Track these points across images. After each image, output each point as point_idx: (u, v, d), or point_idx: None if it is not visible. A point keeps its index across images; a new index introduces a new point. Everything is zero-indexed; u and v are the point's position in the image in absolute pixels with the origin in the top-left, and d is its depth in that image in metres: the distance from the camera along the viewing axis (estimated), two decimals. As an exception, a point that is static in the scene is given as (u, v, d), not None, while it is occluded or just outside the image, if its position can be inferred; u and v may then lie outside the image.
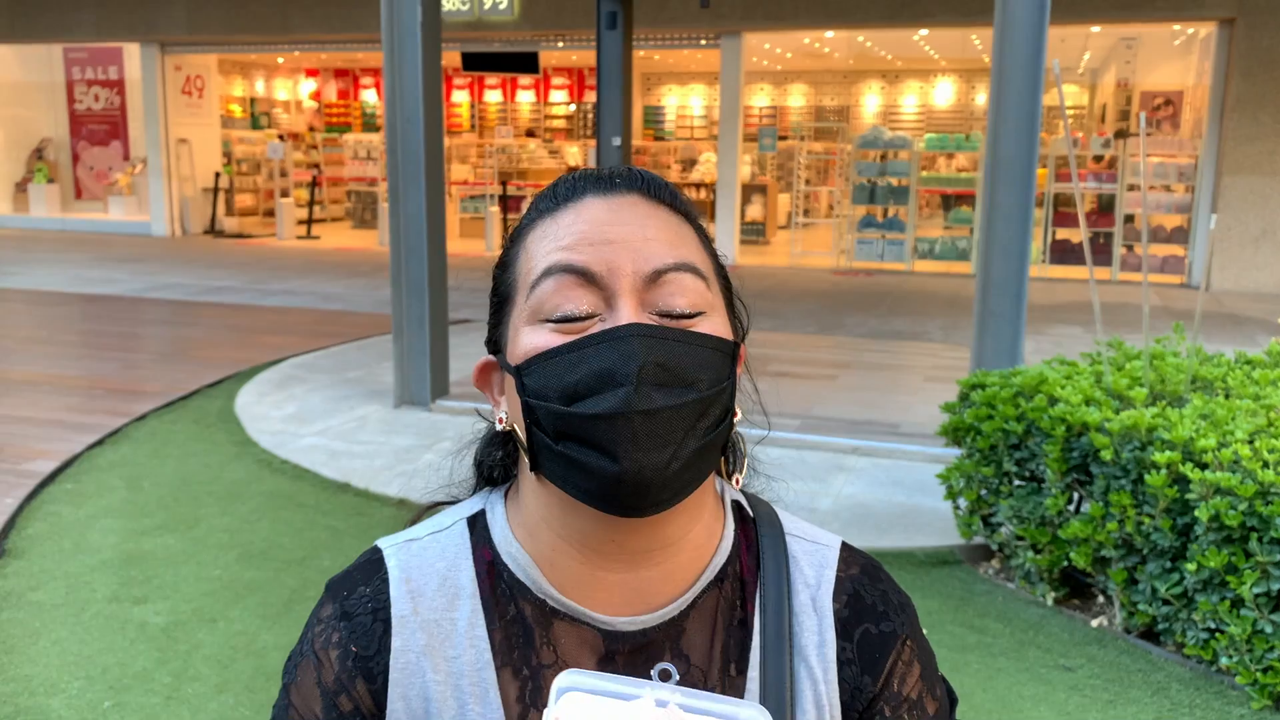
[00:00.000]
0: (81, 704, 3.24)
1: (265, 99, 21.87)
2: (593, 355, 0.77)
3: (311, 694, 0.85)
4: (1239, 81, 12.28)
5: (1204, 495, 3.27)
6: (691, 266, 0.81)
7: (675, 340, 0.78)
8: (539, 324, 0.80)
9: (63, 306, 10.51)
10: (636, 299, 0.79)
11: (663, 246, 0.81)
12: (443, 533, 0.90)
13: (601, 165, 0.98)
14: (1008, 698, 3.34)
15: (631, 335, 0.76)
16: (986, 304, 5.27)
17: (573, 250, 0.80)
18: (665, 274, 0.80)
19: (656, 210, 0.83)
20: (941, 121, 20.78)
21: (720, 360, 0.80)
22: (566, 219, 0.82)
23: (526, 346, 0.80)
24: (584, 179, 0.85)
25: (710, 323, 0.81)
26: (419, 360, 6.63)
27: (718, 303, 0.84)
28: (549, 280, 0.80)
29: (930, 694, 0.89)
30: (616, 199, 0.83)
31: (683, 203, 0.87)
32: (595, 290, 0.79)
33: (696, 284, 0.81)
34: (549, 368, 0.78)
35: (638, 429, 0.75)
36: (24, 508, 4.87)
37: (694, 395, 0.77)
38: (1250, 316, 10.69)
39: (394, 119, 6.47)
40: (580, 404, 0.77)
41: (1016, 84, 5.07)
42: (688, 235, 0.85)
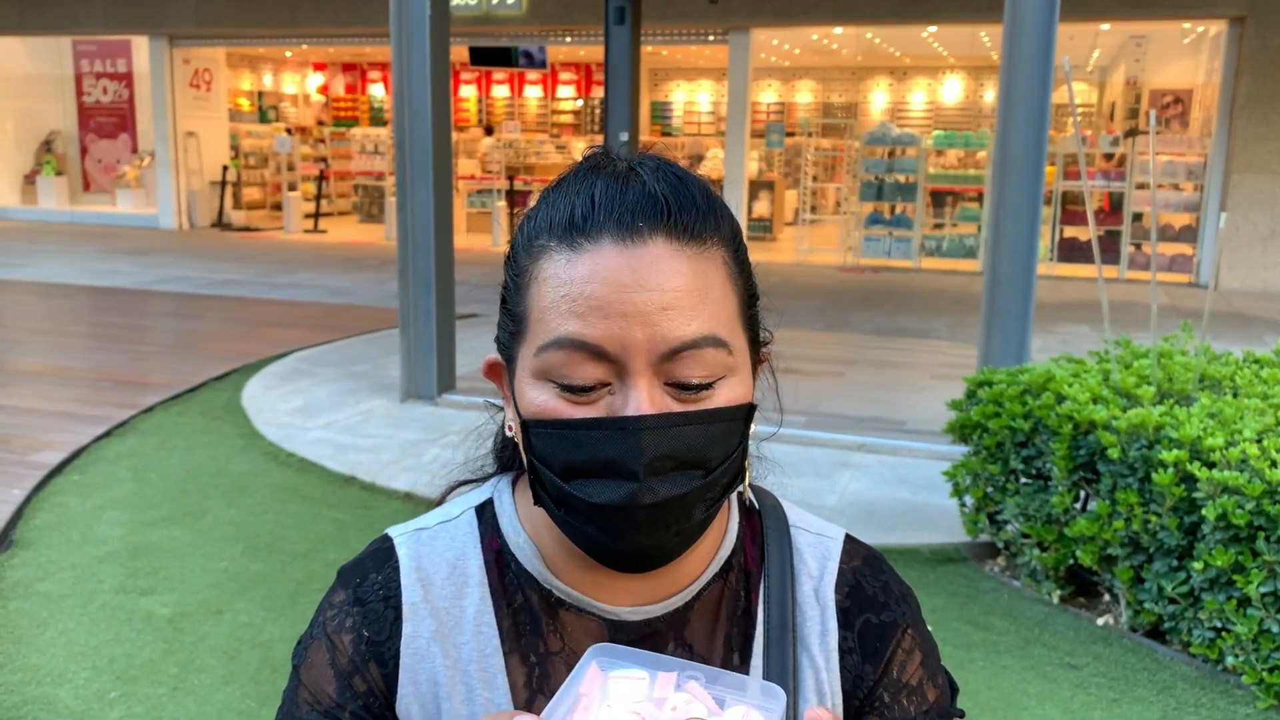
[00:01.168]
0: (88, 694, 3.25)
1: (273, 93, 21.88)
2: (600, 440, 0.75)
3: (324, 674, 0.85)
4: (1249, 80, 12.23)
5: (1211, 494, 3.26)
6: (711, 340, 0.77)
7: (685, 425, 0.76)
8: (547, 382, 0.78)
9: (70, 299, 10.54)
10: (650, 374, 0.76)
11: (683, 316, 0.76)
12: (451, 522, 0.90)
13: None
14: (1013, 695, 3.34)
15: (641, 429, 0.74)
16: (994, 301, 5.26)
17: (586, 322, 0.75)
18: (682, 351, 0.76)
19: (679, 259, 0.77)
20: (950, 119, 20.74)
21: (733, 429, 0.79)
22: (582, 271, 0.76)
23: (534, 405, 0.78)
24: (604, 210, 0.78)
25: (727, 387, 0.78)
26: (425, 354, 6.64)
27: (738, 358, 0.80)
28: (559, 351, 0.76)
29: (931, 682, 0.90)
30: (637, 250, 0.76)
31: (714, 223, 0.80)
32: (608, 364, 0.76)
33: (716, 355, 0.77)
34: (555, 439, 0.77)
35: (640, 519, 0.75)
36: (32, 499, 4.89)
37: (700, 479, 0.77)
38: (1258, 315, 10.66)
39: (402, 113, 6.48)
40: (583, 485, 0.76)
41: (1025, 81, 5.06)
42: (714, 281, 0.79)
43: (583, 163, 0.84)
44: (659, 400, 0.76)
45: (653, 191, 0.78)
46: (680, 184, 0.80)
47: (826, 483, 5.27)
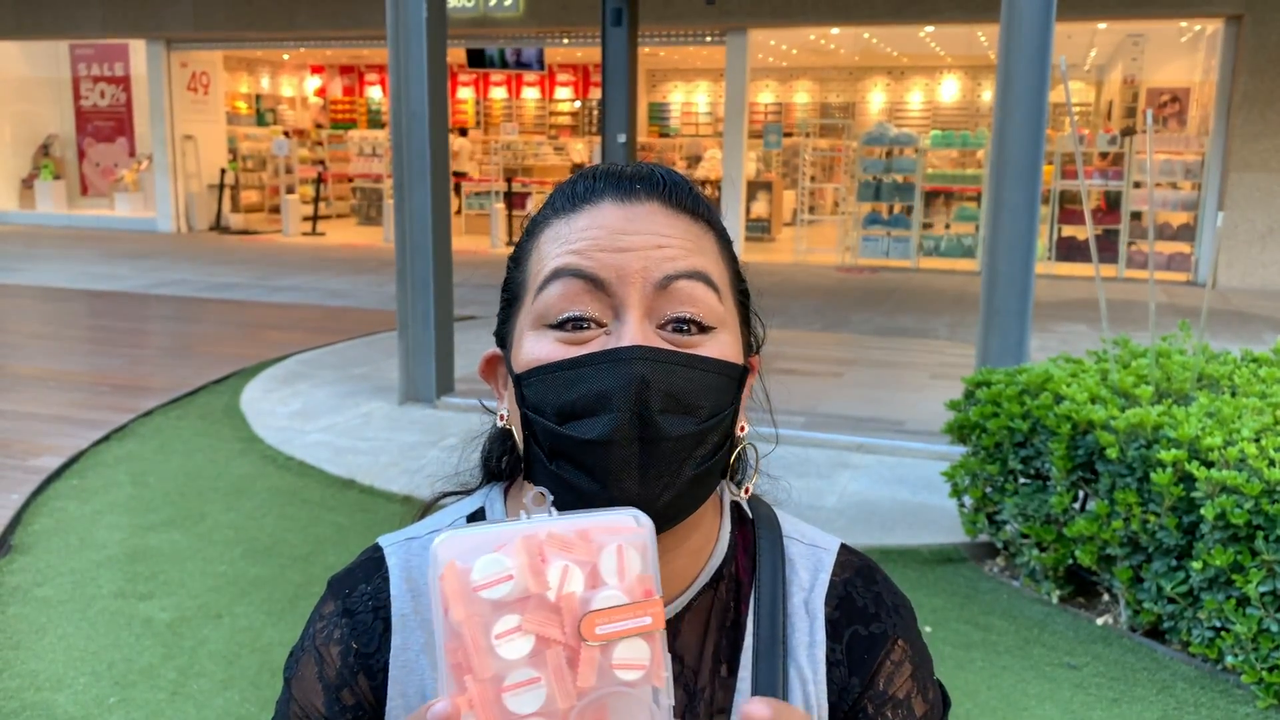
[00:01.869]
0: (87, 699, 3.25)
1: (271, 95, 21.87)
2: (592, 375, 0.75)
3: (313, 689, 0.85)
4: (1246, 78, 12.24)
5: (1210, 493, 3.26)
6: (704, 276, 0.79)
7: (678, 364, 0.76)
8: (543, 330, 0.79)
9: (69, 302, 10.53)
10: (644, 308, 0.77)
11: (676, 253, 0.79)
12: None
13: (608, 160, 0.92)
14: (1012, 695, 3.34)
15: (633, 358, 0.75)
16: (992, 301, 5.26)
17: (583, 255, 0.78)
18: (676, 280, 0.78)
19: (675, 218, 0.81)
20: (947, 118, 20.74)
21: (724, 385, 0.79)
22: (581, 222, 0.80)
23: (529, 355, 0.79)
24: (603, 180, 0.83)
25: (718, 342, 0.80)
26: (424, 357, 6.63)
27: (730, 318, 0.82)
28: (556, 283, 0.78)
29: (921, 695, 0.89)
30: (634, 206, 0.81)
31: (705, 208, 0.85)
32: (603, 297, 0.77)
33: (708, 295, 0.79)
34: (548, 382, 0.77)
35: (629, 456, 0.74)
36: (30, 503, 4.89)
37: (692, 425, 0.76)
38: (1257, 314, 10.66)
39: (399, 116, 6.47)
40: (575, 425, 0.76)
41: (1023, 81, 5.06)
42: (707, 244, 0.83)
43: (584, 168, 0.89)
44: (652, 338, 0.77)
45: (650, 171, 0.84)
46: (674, 174, 0.85)
47: (825, 483, 5.27)
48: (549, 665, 0.63)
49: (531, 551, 0.63)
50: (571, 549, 0.64)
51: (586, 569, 0.64)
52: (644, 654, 0.64)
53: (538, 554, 0.63)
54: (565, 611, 0.63)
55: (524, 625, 0.62)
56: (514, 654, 0.63)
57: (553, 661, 0.63)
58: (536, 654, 0.63)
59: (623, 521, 0.65)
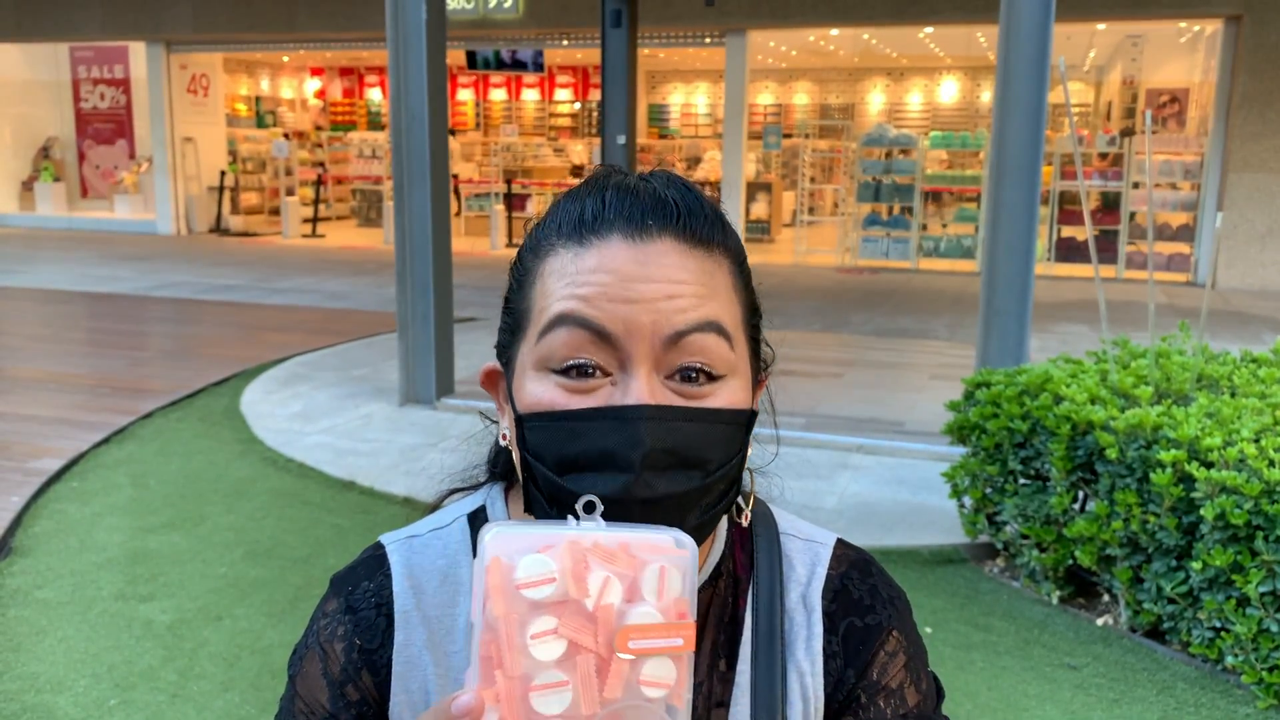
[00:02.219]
0: (87, 701, 3.25)
1: (270, 97, 21.89)
2: (597, 431, 0.74)
3: (317, 684, 0.85)
4: (1245, 78, 12.25)
5: (1209, 494, 3.26)
6: (715, 326, 0.77)
7: (686, 421, 0.75)
8: (547, 372, 0.77)
9: (68, 305, 10.54)
10: (652, 361, 0.75)
11: (688, 304, 0.76)
12: (444, 529, 0.90)
13: (607, 162, 0.89)
14: (1013, 696, 3.34)
15: (640, 419, 0.73)
16: (992, 302, 5.26)
17: (590, 304, 0.75)
18: (686, 335, 0.76)
19: (688, 258, 0.78)
20: (947, 119, 20.75)
21: (732, 434, 0.78)
22: (589, 261, 0.77)
23: (531, 397, 0.78)
24: (614, 209, 0.79)
25: (728, 389, 0.78)
26: (424, 358, 6.63)
27: (740, 361, 0.80)
28: (562, 330, 0.76)
29: (914, 686, 0.89)
30: (646, 246, 0.77)
31: (721, 233, 0.82)
32: (609, 349, 0.75)
33: (719, 345, 0.77)
34: (551, 431, 0.76)
35: (634, 515, 0.74)
36: (30, 506, 4.89)
37: (699, 480, 0.76)
38: (1256, 314, 10.66)
39: (399, 118, 6.48)
40: (577, 479, 0.75)
41: (1022, 82, 5.06)
42: (720, 281, 0.80)
43: (593, 174, 0.85)
44: (659, 394, 0.75)
45: (663, 196, 0.80)
46: (690, 193, 0.81)
47: (825, 484, 5.27)
48: (578, 671, 0.63)
49: (576, 558, 0.64)
50: (614, 561, 0.64)
51: (626, 582, 0.64)
52: (670, 674, 0.65)
53: (582, 561, 0.64)
54: (601, 622, 0.63)
55: (560, 629, 0.63)
56: (546, 656, 0.63)
57: (582, 668, 0.63)
58: (567, 659, 0.63)
59: (665, 541, 0.66)
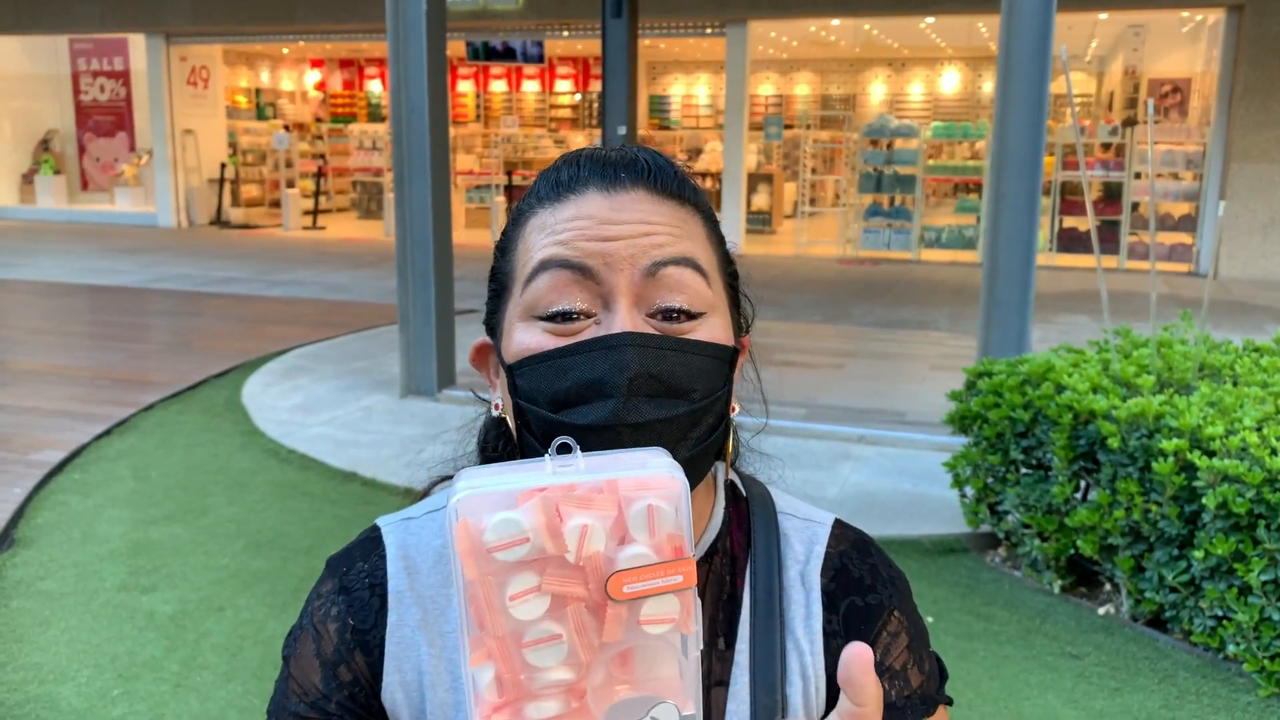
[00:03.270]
0: (91, 692, 3.26)
1: (270, 89, 21.85)
2: (584, 363, 0.76)
3: (310, 665, 0.86)
4: (1247, 68, 12.22)
5: (1211, 483, 3.26)
6: (692, 262, 0.79)
7: (669, 349, 0.76)
8: (532, 320, 0.79)
9: (69, 298, 10.53)
10: (633, 296, 0.77)
11: (664, 239, 0.79)
12: (439, 511, 0.91)
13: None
14: (1014, 685, 3.34)
15: (624, 345, 0.75)
16: (993, 292, 5.26)
17: (569, 245, 0.78)
18: (664, 267, 0.78)
19: (661, 204, 0.81)
20: (948, 110, 20.71)
21: (716, 367, 0.79)
22: (566, 212, 0.80)
23: (519, 345, 0.79)
24: (588, 168, 0.82)
25: (709, 325, 0.80)
26: (425, 350, 6.63)
27: (719, 302, 0.82)
28: (544, 275, 0.78)
29: (917, 666, 0.89)
30: (620, 194, 0.80)
31: (692, 191, 0.84)
32: (591, 287, 0.77)
33: (697, 280, 0.79)
34: (540, 371, 0.77)
35: (625, 441, 0.74)
36: (33, 497, 4.89)
37: (685, 407, 0.77)
38: (1258, 304, 10.66)
39: (399, 109, 6.47)
40: (569, 413, 0.76)
41: (1023, 72, 5.05)
42: (694, 229, 0.83)
43: (568, 152, 0.88)
44: (641, 325, 0.77)
45: (634, 156, 0.84)
46: (661, 158, 0.85)
47: (827, 475, 5.27)
48: (570, 622, 0.61)
49: (549, 511, 0.61)
50: (593, 505, 0.61)
51: (609, 523, 0.62)
52: (673, 608, 0.62)
53: (555, 513, 0.61)
54: (590, 570, 0.61)
55: (543, 585, 0.61)
56: (529, 615, 0.61)
57: (574, 618, 0.61)
58: (556, 610, 0.61)
59: (657, 474, 0.63)
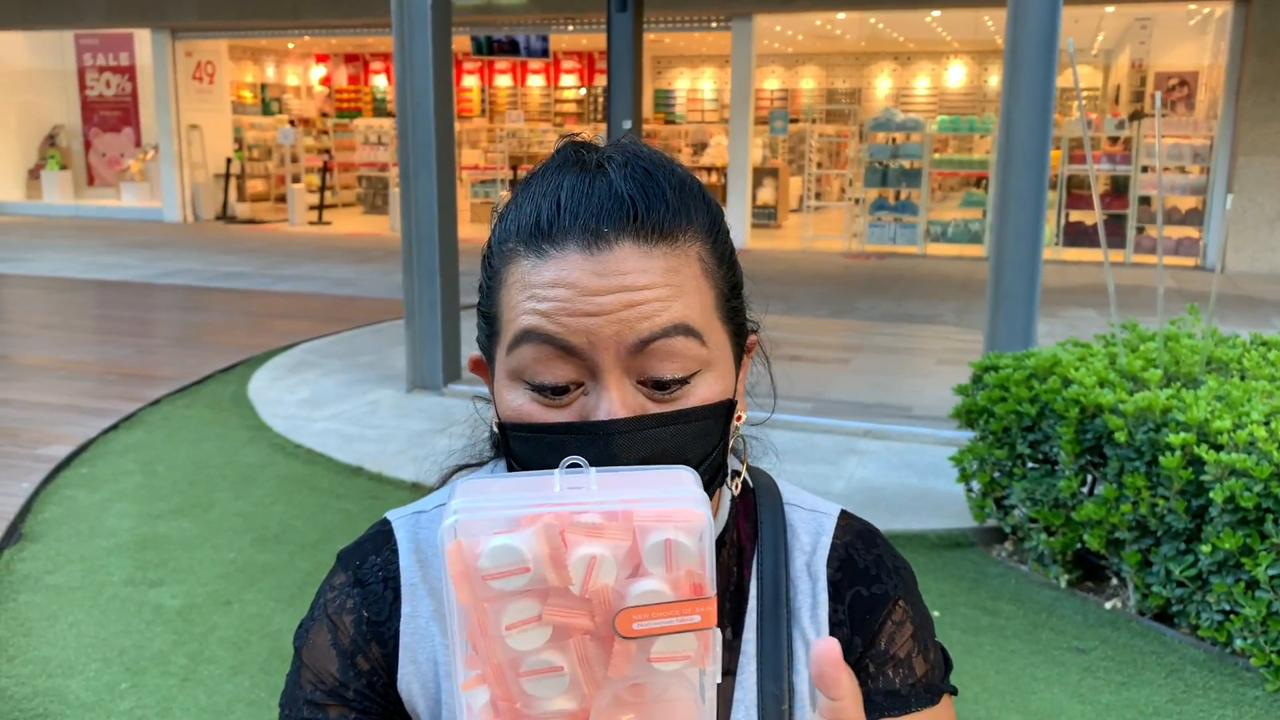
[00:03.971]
0: (99, 685, 3.27)
1: (276, 85, 21.86)
2: (573, 445, 0.74)
3: (326, 655, 0.86)
4: (1255, 61, 12.16)
5: (1219, 477, 3.25)
6: (682, 328, 0.75)
7: (660, 426, 0.75)
8: (521, 384, 0.77)
9: (76, 292, 10.56)
10: (621, 370, 0.75)
11: (651, 309, 0.74)
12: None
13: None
14: (1021, 679, 3.34)
15: (613, 434, 0.74)
16: (1000, 286, 5.24)
17: (551, 319, 0.74)
18: (652, 343, 0.74)
19: (648, 258, 0.75)
20: (954, 103, 20.66)
21: (709, 427, 0.78)
22: (547, 273, 0.75)
23: (510, 408, 0.78)
24: (570, 215, 0.76)
25: (704, 383, 0.77)
26: (431, 345, 6.64)
27: (715, 351, 0.79)
28: (528, 346, 0.75)
29: (921, 655, 0.89)
30: (603, 256, 0.74)
31: (686, 217, 0.78)
32: (577, 361, 0.75)
33: (688, 345, 0.76)
34: (530, 443, 0.77)
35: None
36: (40, 492, 4.90)
37: None
38: (1266, 298, 10.62)
39: (404, 104, 6.46)
40: None
41: (1030, 65, 5.03)
42: (686, 276, 0.77)
43: (553, 157, 0.83)
44: (631, 401, 0.75)
45: (619, 192, 0.76)
46: (650, 180, 0.77)
47: (833, 469, 5.27)
48: (573, 654, 0.57)
49: (553, 539, 0.56)
50: (601, 534, 0.56)
51: (622, 552, 0.57)
52: (689, 646, 0.57)
53: (559, 541, 0.56)
54: (597, 604, 0.56)
55: (544, 615, 0.56)
56: (527, 645, 0.57)
57: (578, 649, 0.57)
58: (558, 641, 0.57)
59: (678, 506, 0.57)
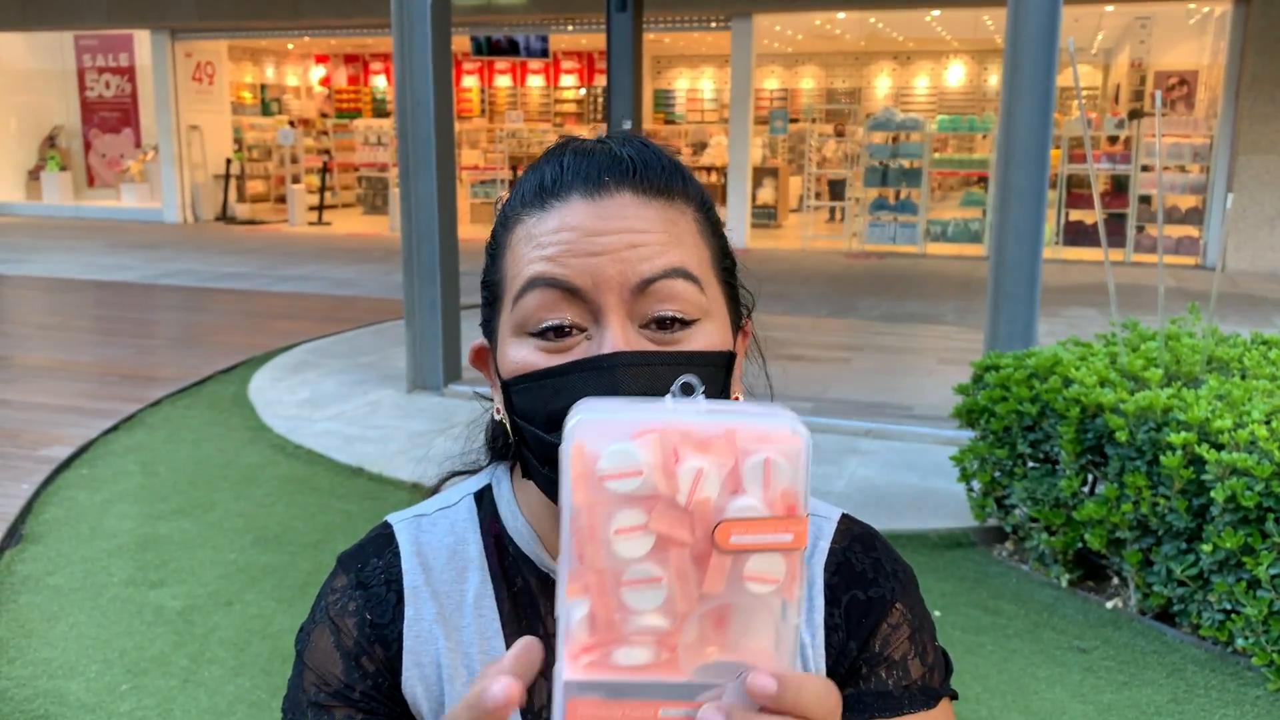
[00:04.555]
0: (99, 687, 3.27)
1: (276, 85, 21.86)
2: (577, 383, 0.75)
3: (330, 657, 0.86)
4: (1255, 60, 12.16)
5: (1220, 476, 3.25)
6: (682, 271, 0.78)
7: (662, 364, 0.75)
8: (525, 336, 0.78)
9: (76, 293, 10.55)
10: (624, 311, 0.76)
11: (652, 251, 0.77)
12: (450, 508, 0.91)
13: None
14: (1022, 679, 3.34)
15: (616, 365, 0.74)
16: (1000, 286, 5.24)
17: (556, 262, 0.77)
18: (654, 282, 0.77)
19: (648, 208, 0.79)
20: (954, 103, 20.66)
21: (713, 375, 0.78)
22: (552, 223, 0.79)
23: (513, 362, 0.78)
24: (571, 171, 0.81)
25: (704, 331, 0.79)
26: (431, 345, 6.64)
27: (714, 304, 0.81)
28: (533, 293, 0.77)
29: (919, 657, 0.89)
30: (605, 201, 0.78)
31: (682, 181, 0.83)
32: (581, 304, 0.76)
33: (688, 289, 0.78)
34: (534, 391, 0.77)
35: None
36: (41, 493, 4.90)
37: None
38: (1266, 297, 10.62)
39: (404, 104, 6.46)
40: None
41: (1030, 64, 5.03)
42: (684, 228, 0.81)
43: (554, 143, 0.87)
44: (634, 340, 0.76)
45: (618, 153, 0.82)
46: (646, 149, 0.83)
47: (834, 469, 5.27)
48: (672, 566, 0.59)
49: (665, 449, 0.59)
50: (710, 450, 0.59)
51: (725, 472, 0.59)
52: (779, 569, 0.60)
53: (671, 452, 0.59)
54: (698, 516, 0.59)
55: (650, 524, 0.59)
56: (632, 552, 0.59)
57: (676, 562, 0.59)
58: (659, 552, 0.59)
59: (778, 427, 0.60)
